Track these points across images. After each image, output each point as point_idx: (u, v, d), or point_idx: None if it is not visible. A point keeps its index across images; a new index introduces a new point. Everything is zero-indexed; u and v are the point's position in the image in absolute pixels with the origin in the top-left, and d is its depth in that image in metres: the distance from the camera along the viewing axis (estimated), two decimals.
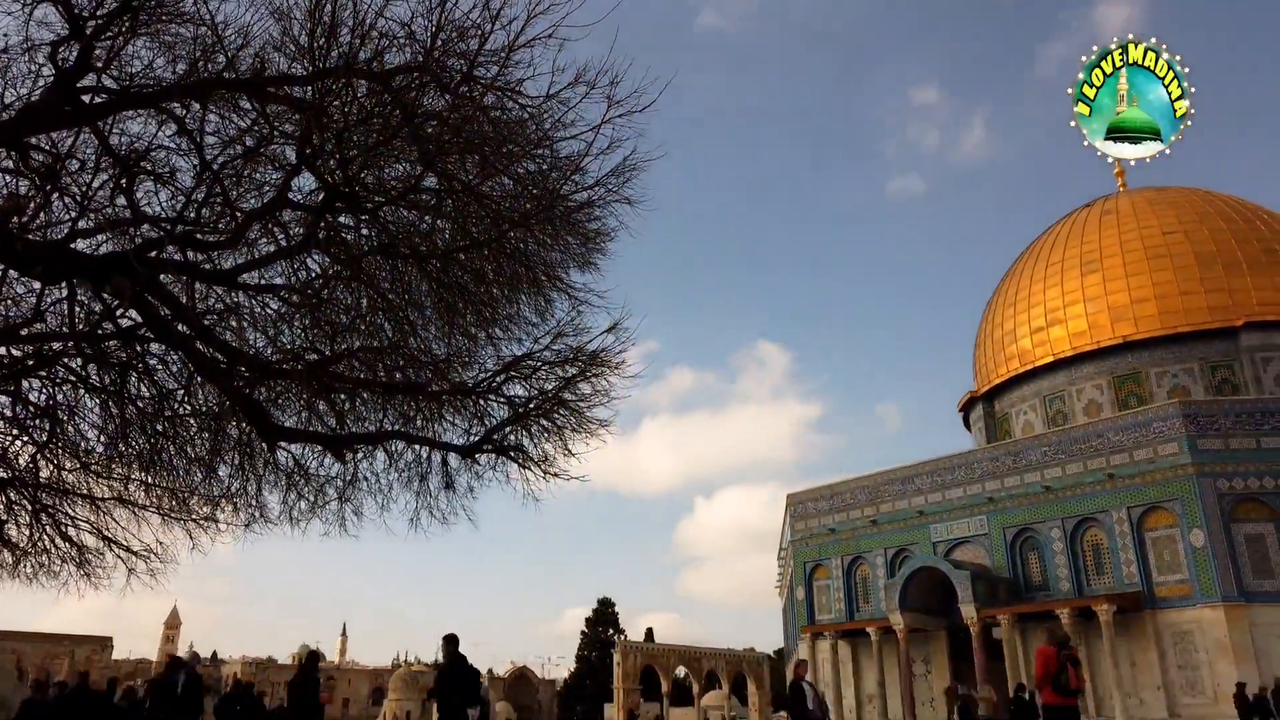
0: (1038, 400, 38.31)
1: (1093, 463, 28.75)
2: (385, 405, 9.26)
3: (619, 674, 60.43)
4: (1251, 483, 26.01)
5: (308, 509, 9.81)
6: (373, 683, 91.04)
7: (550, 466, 9.43)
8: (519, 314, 8.93)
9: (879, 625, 31.42)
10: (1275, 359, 33.31)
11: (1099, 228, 38.12)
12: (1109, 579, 27.79)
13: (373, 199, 7.54)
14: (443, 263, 7.96)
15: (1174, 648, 25.83)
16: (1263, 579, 25.23)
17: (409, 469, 9.70)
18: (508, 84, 6.86)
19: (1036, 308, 38.42)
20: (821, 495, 37.02)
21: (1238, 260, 34.70)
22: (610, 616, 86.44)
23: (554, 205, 7.64)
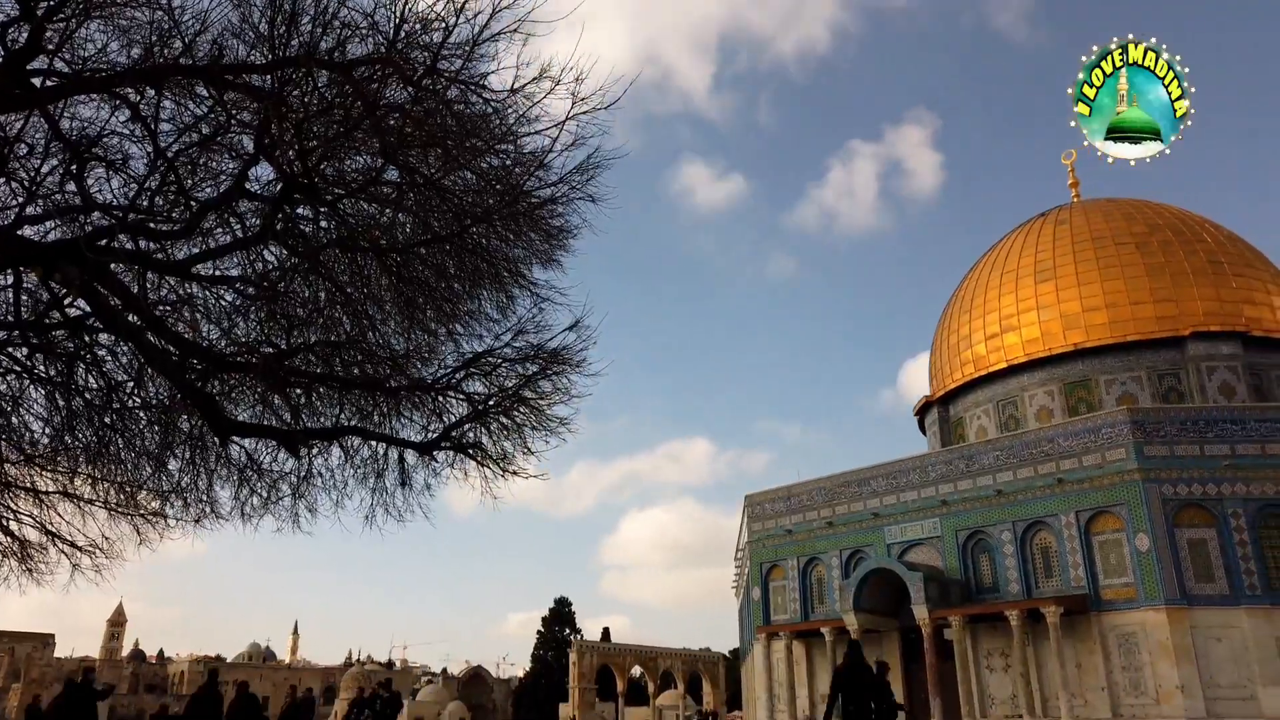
0: (991, 405, 38.98)
1: (1043, 467, 29.32)
2: (342, 400, 9.15)
3: (574, 673, 60.37)
4: (1195, 488, 26.72)
5: (260, 505, 9.65)
6: (324, 681, 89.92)
7: (509, 465, 9.38)
8: (480, 310, 8.87)
9: (833, 625, 31.74)
10: (1219, 368, 34.26)
11: (1053, 237, 38.90)
12: (1057, 581, 28.36)
13: (332, 191, 7.44)
14: (403, 257, 7.88)
15: (1118, 649, 26.44)
16: (1204, 583, 25.92)
17: (365, 465, 9.59)
18: (472, 78, 6.82)
19: (991, 314, 39.10)
20: (779, 497, 37.29)
21: (1185, 271, 35.64)
22: (567, 616, 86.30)
23: (517, 201, 7.61)
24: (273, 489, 9.63)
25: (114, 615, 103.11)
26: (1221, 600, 25.54)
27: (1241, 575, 25.55)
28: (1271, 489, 26.33)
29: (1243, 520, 26.05)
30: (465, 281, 8.46)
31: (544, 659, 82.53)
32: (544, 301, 8.64)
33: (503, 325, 8.93)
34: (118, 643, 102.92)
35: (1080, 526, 27.96)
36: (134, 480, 9.82)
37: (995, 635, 28.96)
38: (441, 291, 8.34)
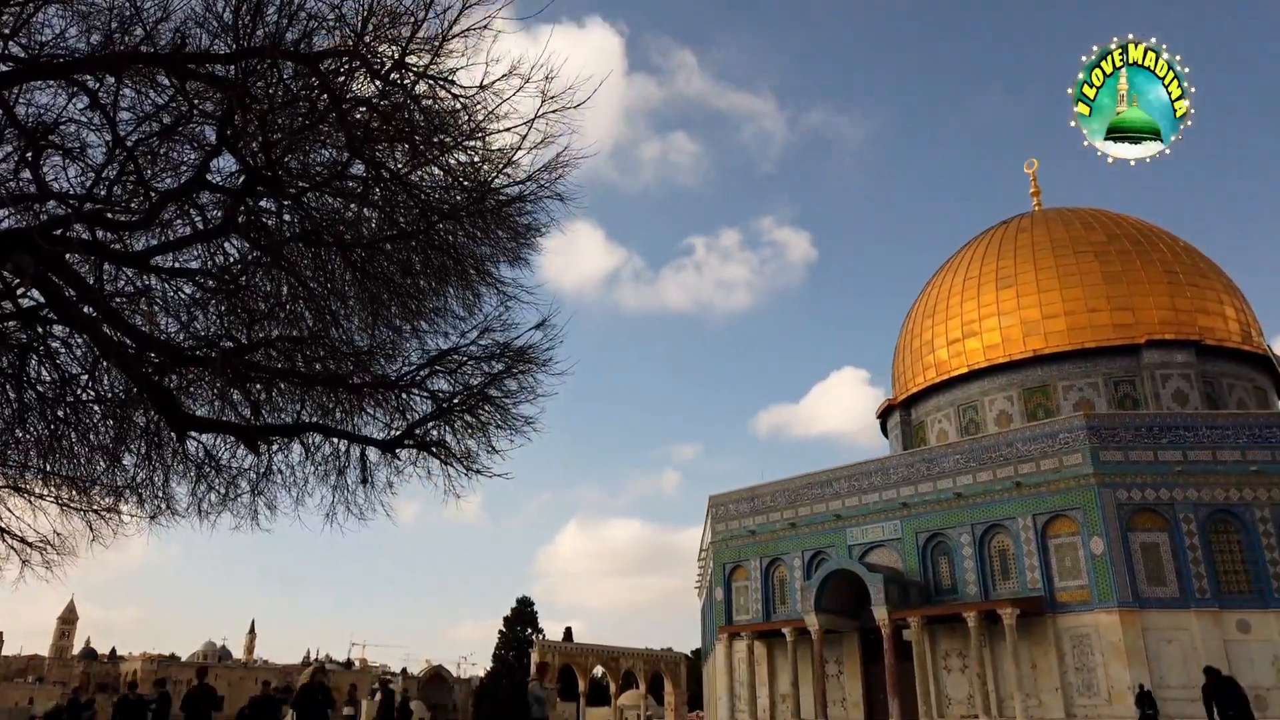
0: (952, 409, 39.50)
1: (1002, 471, 29.78)
2: (303, 396, 9.02)
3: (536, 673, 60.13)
4: (1148, 493, 27.29)
5: (218, 501, 9.49)
6: (281, 681, 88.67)
7: (473, 463, 9.32)
8: (446, 307, 8.80)
9: (795, 626, 31.96)
10: (1173, 376, 35.02)
11: (1014, 245, 39.53)
12: (1014, 583, 28.81)
13: (296, 184, 7.34)
14: (368, 252, 7.79)
15: (1072, 650, 26.93)
16: (1156, 586, 26.49)
17: (326, 462, 9.47)
18: (440, 73, 6.76)
19: (954, 319, 39.62)
20: (742, 498, 37.47)
21: (1142, 280, 36.39)
22: (529, 616, 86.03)
23: (485, 198, 7.56)
24: (231, 486, 9.47)
25: (64, 613, 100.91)
26: (1172, 603, 26.12)
27: (1192, 579, 26.14)
28: (1221, 494, 26.98)
29: (1194, 525, 26.66)
30: (431, 278, 8.39)
31: (505, 659, 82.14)
32: (510, 299, 8.61)
33: (469, 323, 8.87)
34: (68, 641, 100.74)
35: (1037, 530, 28.44)
36: (87, 475, 9.61)
37: (953, 636, 29.36)
38: (407, 288, 8.26)
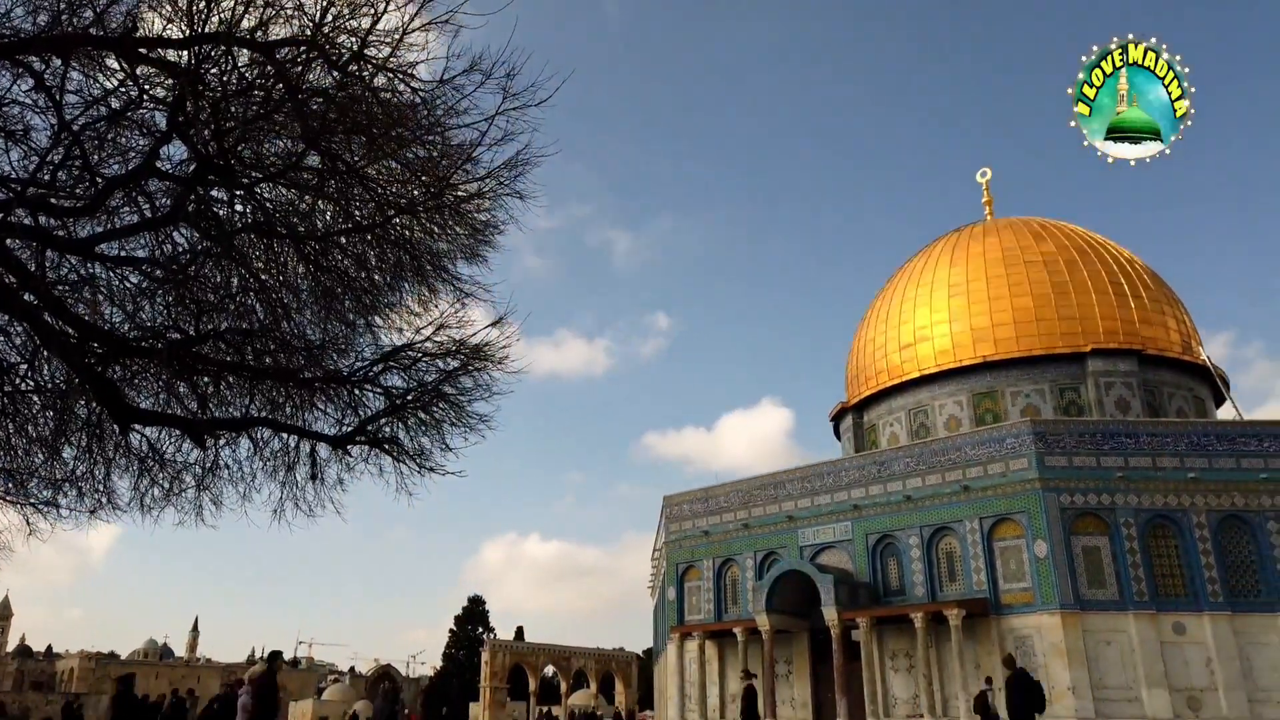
0: (904, 413, 40.09)
1: (950, 475, 30.30)
2: (253, 390, 8.87)
3: (486, 672, 59.85)
4: (1090, 498, 27.98)
5: (161, 496, 9.29)
6: (224, 679, 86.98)
7: (427, 461, 9.25)
8: (401, 303, 8.72)
9: (746, 626, 32.18)
10: (1116, 384, 35.94)
11: (967, 253, 40.26)
12: (960, 585, 29.33)
13: (249, 174, 7.22)
14: (322, 245, 7.69)
15: (1015, 651, 27.43)
16: (1096, 588, 27.16)
17: (275, 458, 9.33)
18: (400, 66, 6.70)
19: (906, 325, 40.22)
20: (696, 498, 37.65)
21: (1088, 290, 37.29)
22: (480, 615, 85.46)
23: (443, 194, 7.50)
24: (175, 480, 9.28)
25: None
26: (1112, 605, 26.80)
27: (1131, 582, 26.85)
28: (1160, 500, 27.75)
29: (1133, 529, 27.39)
30: (386, 273, 8.30)
31: (455, 658, 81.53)
32: (467, 297, 8.55)
33: (424, 319, 8.81)
34: (3, 638, 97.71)
35: (983, 532, 28.98)
36: (25, 467, 9.34)
37: (900, 637, 29.80)
38: (361, 282, 8.17)
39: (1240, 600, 26.76)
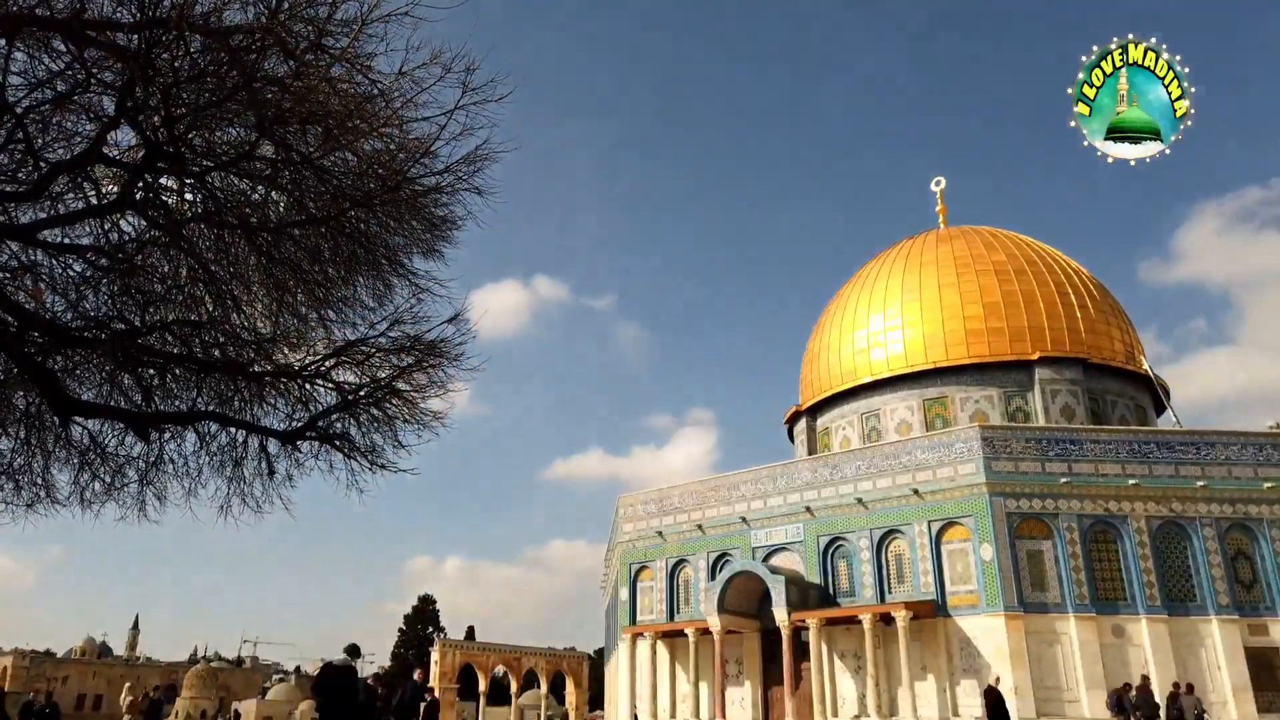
0: (856, 417, 40.61)
1: (900, 478, 30.76)
2: (200, 383, 8.69)
3: (436, 672, 59.27)
4: (1035, 503, 28.60)
5: (103, 490, 9.06)
6: (166, 679, 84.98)
7: (379, 458, 9.14)
8: (355, 297, 8.60)
9: (698, 626, 32.32)
10: (1062, 391, 36.81)
11: (919, 261, 40.93)
12: (908, 587, 29.78)
13: (200, 162, 7.07)
14: (274, 237, 7.56)
15: (960, 653, 28.00)
16: (1039, 591, 27.77)
17: (222, 452, 9.15)
18: (358, 56, 6.61)
19: (860, 330, 40.77)
20: (651, 499, 37.73)
21: (1036, 300, 38.15)
22: (431, 614, 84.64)
23: (400, 187, 7.42)
24: (118, 474, 9.05)
25: None
26: (1054, 608, 27.42)
27: (1072, 585, 27.49)
28: (1102, 506, 28.47)
29: (1076, 534, 28.05)
30: (341, 266, 8.19)
31: (404, 657, 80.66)
32: (423, 292, 8.48)
33: (379, 314, 8.70)
34: None
35: (932, 535, 29.46)
36: None
37: (849, 637, 30.15)
38: (314, 275, 8.04)
39: (1177, 604, 27.55)
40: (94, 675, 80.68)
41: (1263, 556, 28.13)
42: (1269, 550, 28.10)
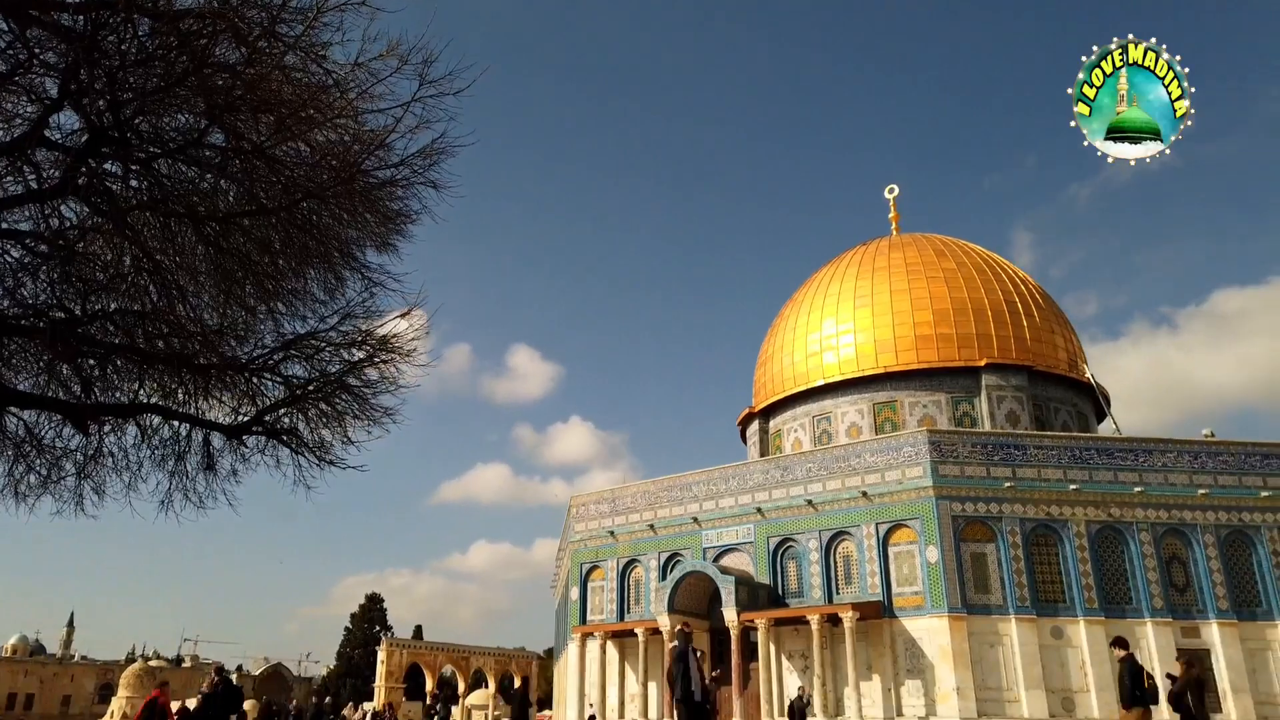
0: (808, 419, 41.05)
1: (850, 480, 31.17)
2: (142, 375, 8.48)
3: (382, 671, 58.62)
4: (980, 506, 29.19)
5: (38, 483, 8.79)
6: (101, 678, 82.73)
7: (327, 454, 9.01)
8: (306, 289, 8.47)
9: (648, 626, 32.39)
10: (1007, 397, 37.63)
11: (872, 267, 41.54)
12: (855, 588, 30.18)
13: (146, 148, 6.90)
14: (223, 226, 7.41)
15: (905, 653, 28.46)
16: (983, 593, 28.34)
17: (164, 446, 8.94)
18: (313, 45, 6.51)
19: (814, 334, 41.24)
20: (604, 499, 37.73)
21: (984, 308, 38.94)
22: (378, 613, 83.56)
23: (354, 179, 7.32)
24: (54, 467, 8.79)
25: None
26: (996, 610, 28.00)
27: (1014, 587, 28.10)
28: (1044, 510, 29.14)
29: (1018, 538, 28.68)
30: (291, 258, 8.05)
31: (349, 657, 79.56)
32: (376, 286, 8.38)
33: (330, 308, 8.58)
34: None
35: (879, 537, 29.89)
36: None
37: (797, 638, 30.47)
38: (264, 267, 7.90)
39: (1113, 607, 28.31)
40: (25, 674, 78.27)
41: (1195, 561, 29.03)
42: (1201, 555, 29.01)
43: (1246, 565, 29.28)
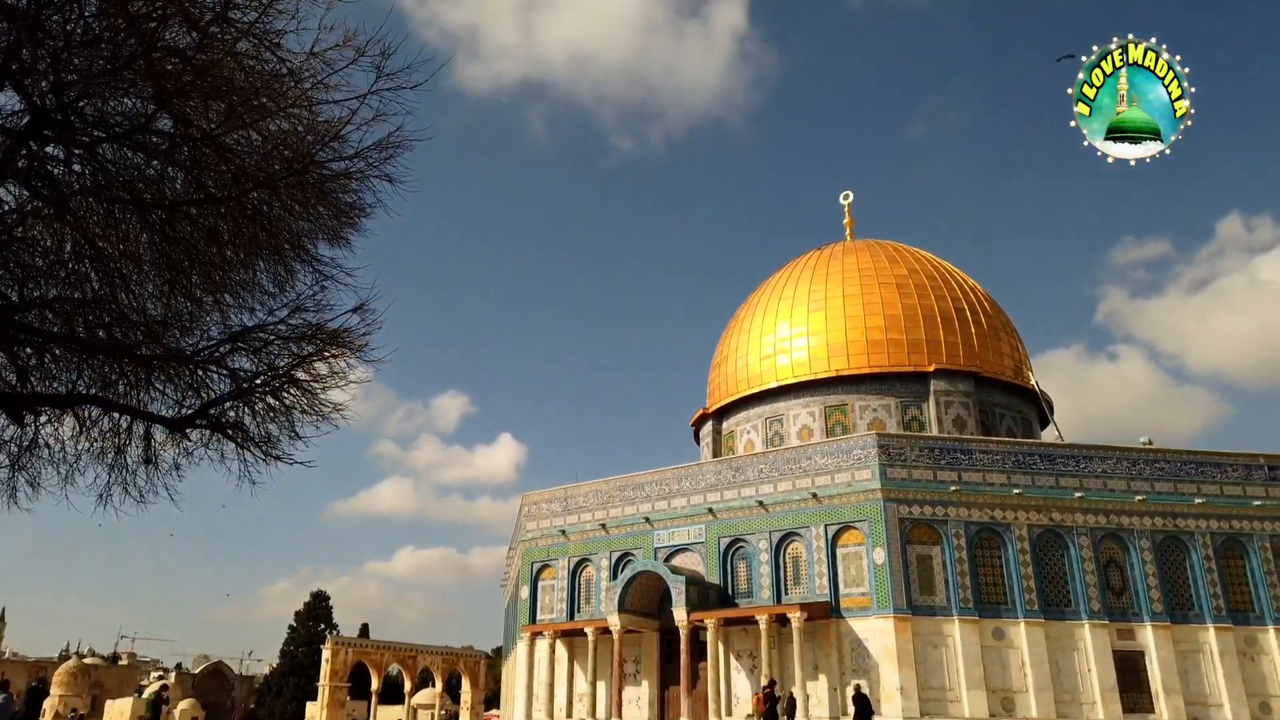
0: (760, 421, 41.39)
1: (800, 482, 31.48)
2: (81, 365, 8.24)
3: (327, 670, 57.72)
4: (926, 509, 29.68)
5: None
6: (33, 676, 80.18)
7: (273, 449, 8.84)
8: (254, 281, 8.30)
9: (597, 626, 32.36)
10: (955, 403, 38.32)
11: (826, 272, 42.03)
12: (804, 589, 30.49)
13: (91, 132, 6.72)
14: (169, 215, 7.23)
15: (851, 654, 28.82)
16: (927, 595, 28.82)
17: (104, 439, 8.70)
18: (267, 32, 6.39)
19: (768, 337, 41.58)
20: (556, 497, 37.59)
21: (934, 314, 39.62)
22: (324, 611, 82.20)
23: (306, 170, 7.20)
24: None
25: None
26: (940, 611, 28.50)
27: (958, 589, 28.63)
28: (988, 514, 29.74)
29: (962, 540, 29.22)
30: (240, 249, 7.90)
31: (293, 655, 78.15)
32: (327, 280, 8.25)
33: (279, 300, 8.43)
34: None
35: (828, 539, 30.23)
36: None
37: (746, 638, 30.68)
38: (211, 257, 7.73)
39: (1053, 609, 28.99)
40: None
41: (1132, 565, 29.85)
42: (1138, 559, 29.85)
43: (1180, 570, 30.20)
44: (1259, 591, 30.10)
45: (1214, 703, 28.40)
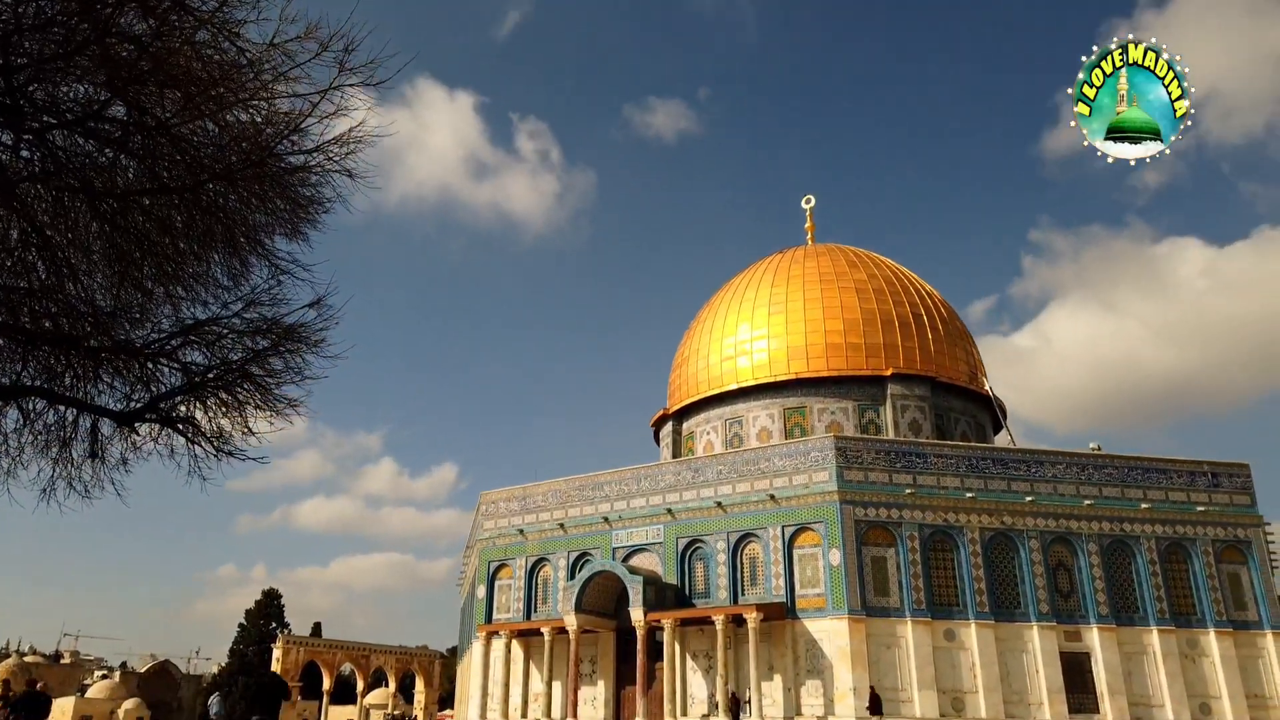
0: (720, 422, 41.58)
1: (759, 484, 31.68)
2: (26, 356, 8.02)
3: (278, 670, 56.86)
4: (881, 511, 30.05)
5: None
6: None
7: (225, 444, 8.68)
8: (208, 274, 8.15)
9: (554, 625, 32.28)
10: (911, 407, 38.84)
11: (787, 276, 42.34)
12: (760, 590, 30.69)
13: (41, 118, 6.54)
14: (121, 204, 7.07)
15: (806, 654, 29.08)
16: (881, 596, 29.18)
17: (48, 431, 8.48)
18: (226, 22, 6.28)
19: (729, 339, 41.80)
20: (514, 497, 37.41)
21: (893, 319, 40.12)
22: (275, 610, 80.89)
23: (264, 163, 7.09)
24: None
25: None
26: (893, 612, 28.87)
27: (911, 591, 29.02)
28: (941, 517, 30.19)
29: (917, 543, 29.63)
30: (194, 241, 7.74)
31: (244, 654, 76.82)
32: (283, 274, 8.12)
33: (234, 294, 8.28)
34: None
35: (785, 540, 30.46)
36: None
37: (702, 638, 30.80)
38: (164, 248, 7.57)
39: (1004, 611, 29.51)
40: None
41: (1080, 569, 30.50)
42: (1085, 563, 30.50)
43: (1126, 573, 30.92)
44: (1201, 595, 30.92)
45: (1156, 703, 29.12)
